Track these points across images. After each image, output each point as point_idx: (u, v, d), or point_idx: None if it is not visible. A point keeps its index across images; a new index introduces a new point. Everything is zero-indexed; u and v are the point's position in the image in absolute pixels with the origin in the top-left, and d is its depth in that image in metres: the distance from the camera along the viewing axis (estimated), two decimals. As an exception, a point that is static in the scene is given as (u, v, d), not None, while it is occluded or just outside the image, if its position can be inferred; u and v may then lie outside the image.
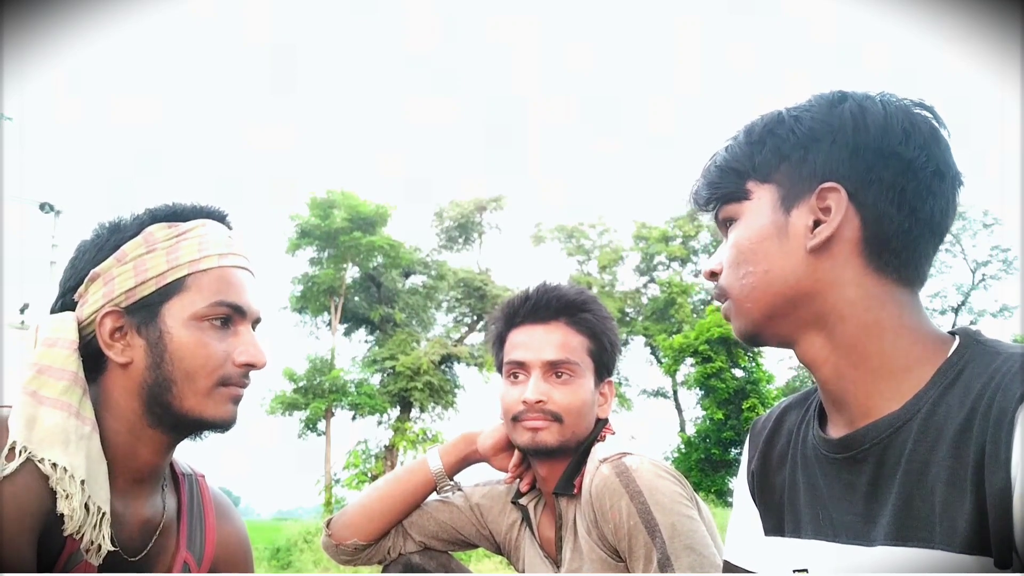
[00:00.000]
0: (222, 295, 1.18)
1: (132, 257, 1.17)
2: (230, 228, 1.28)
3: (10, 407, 1.10)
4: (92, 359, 1.16)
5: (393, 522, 1.69)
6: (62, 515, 1.05)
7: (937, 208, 0.93)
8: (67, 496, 1.05)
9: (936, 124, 0.96)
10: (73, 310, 1.18)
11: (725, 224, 1.03)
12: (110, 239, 1.19)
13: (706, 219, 1.10)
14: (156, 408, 1.16)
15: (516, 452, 1.65)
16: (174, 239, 1.19)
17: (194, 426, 1.19)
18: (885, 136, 0.93)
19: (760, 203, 0.98)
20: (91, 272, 1.18)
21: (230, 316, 1.19)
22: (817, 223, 0.94)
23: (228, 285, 1.19)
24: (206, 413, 1.17)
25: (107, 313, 1.16)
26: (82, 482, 1.07)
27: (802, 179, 0.96)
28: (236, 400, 1.21)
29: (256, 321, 1.24)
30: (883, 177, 0.92)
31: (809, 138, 0.96)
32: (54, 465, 1.05)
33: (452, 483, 1.72)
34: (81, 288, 1.18)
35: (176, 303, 1.16)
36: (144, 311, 1.16)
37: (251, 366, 1.20)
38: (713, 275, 1.04)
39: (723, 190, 1.02)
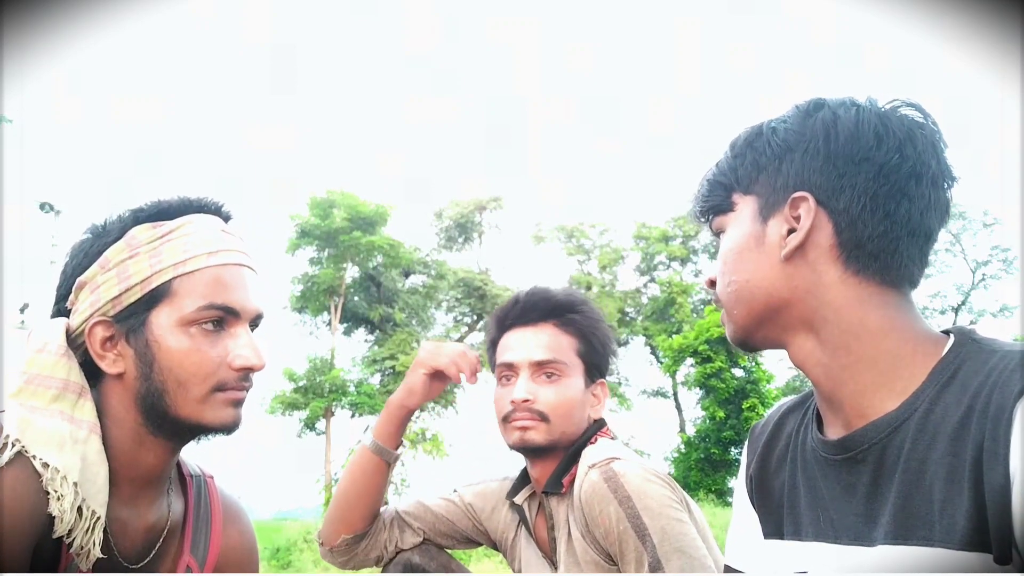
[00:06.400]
0: (211, 297, 1.12)
1: (115, 263, 1.12)
2: (227, 219, 1.22)
3: (2, 411, 1.07)
4: (89, 367, 1.13)
5: (370, 505, 1.67)
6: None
7: (915, 210, 0.93)
8: (59, 497, 1.02)
9: (920, 122, 0.95)
10: (68, 317, 1.15)
11: (718, 235, 1.06)
12: (95, 243, 1.15)
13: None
14: (154, 416, 1.13)
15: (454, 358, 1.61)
16: (157, 241, 1.13)
17: (195, 431, 1.15)
18: (855, 142, 0.94)
19: (742, 214, 1.01)
20: (78, 280, 1.14)
21: (222, 318, 1.14)
22: (792, 231, 0.96)
23: (219, 286, 1.13)
24: (204, 419, 1.13)
25: (96, 323, 1.12)
26: (75, 484, 1.03)
27: (777, 189, 0.97)
28: (237, 403, 1.16)
29: (257, 318, 1.19)
30: (855, 183, 0.93)
31: (783, 149, 0.98)
32: (46, 464, 1.02)
33: (397, 453, 1.67)
34: (72, 296, 1.15)
35: (163, 309, 1.11)
36: (132, 319, 1.12)
37: (249, 369, 1.15)
38: (712, 283, 1.07)
39: (712, 203, 1.05)
